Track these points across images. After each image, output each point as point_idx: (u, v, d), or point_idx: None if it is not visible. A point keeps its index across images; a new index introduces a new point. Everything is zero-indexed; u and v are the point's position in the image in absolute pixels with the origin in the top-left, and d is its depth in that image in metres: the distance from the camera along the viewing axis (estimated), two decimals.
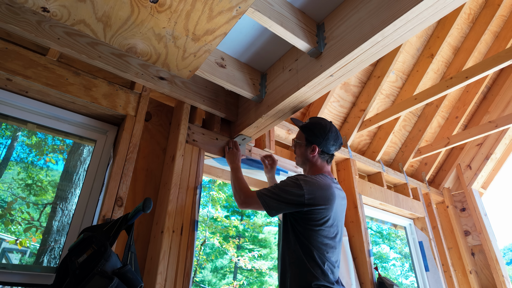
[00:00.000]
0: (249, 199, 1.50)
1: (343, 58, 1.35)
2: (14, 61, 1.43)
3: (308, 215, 1.40)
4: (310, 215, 1.39)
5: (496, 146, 3.76)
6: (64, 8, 1.30)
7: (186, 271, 1.50)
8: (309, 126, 1.64)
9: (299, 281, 1.33)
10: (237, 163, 1.79)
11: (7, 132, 2.19)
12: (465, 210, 3.74)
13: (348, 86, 2.88)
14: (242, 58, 1.87)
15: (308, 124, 1.66)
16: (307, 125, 1.65)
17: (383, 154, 3.38)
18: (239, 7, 1.25)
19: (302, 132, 1.66)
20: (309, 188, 1.40)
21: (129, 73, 1.63)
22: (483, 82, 3.44)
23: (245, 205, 1.51)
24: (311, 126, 1.64)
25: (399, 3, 1.18)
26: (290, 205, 1.39)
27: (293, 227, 1.43)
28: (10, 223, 2.21)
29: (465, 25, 3.22)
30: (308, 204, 1.38)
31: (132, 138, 1.63)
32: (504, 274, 3.28)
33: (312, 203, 1.38)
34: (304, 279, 1.32)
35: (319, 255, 1.36)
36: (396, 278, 12.53)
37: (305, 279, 1.32)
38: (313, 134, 1.61)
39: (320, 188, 1.43)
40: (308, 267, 1.33)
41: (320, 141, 1.59)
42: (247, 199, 1.51)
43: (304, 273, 1.34)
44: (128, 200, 1.59)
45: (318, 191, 1.42)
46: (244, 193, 1.54)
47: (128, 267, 1.06)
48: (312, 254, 1.35)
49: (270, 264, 12.31)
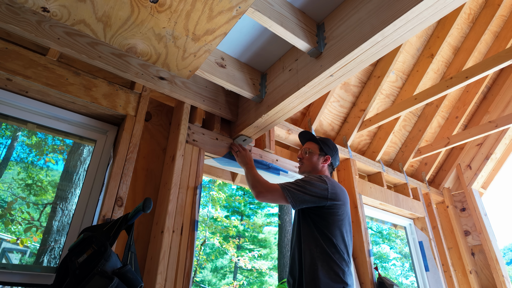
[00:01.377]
0: (270, 190, 1.55)
1: (343, 58, 1.35)
2: (14, 61, 1.43)
3: (330, 210, 1.54)
4: (332, 209, 1.54)
5: (496, 146, 3.76)
6: (64, 8, 1.30)
7: (186, 271, 1.50)
8: (323, 139, 1.83)
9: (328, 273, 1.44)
10: (250, 163, 1.82)
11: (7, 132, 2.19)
12: (465, 210, 3.74)
13: (348, 86, 2.88)
14: (242, 58, 1.87)
15: (321, 138, 1.85)
16: (320, 138, 1.84)
17: (383, 154, 3.38)
18: (239, 7, 1.26)
19: (315, 143, 1.82)
20: (331, 184, 1.58)
21: (129, 73, 1.63)
22: (483, 82, 3.44)
23: (264, 196, 1.56)
24: (324, 140, 1.83)
25: (399, 3, 1.18)
26: (314, 197, 1.51)
27: (315, 223, 1.54)
28: (10, 223, 2.21)
29: (465, 25, 3.22)
30: (331, 199, 1.54)
31: (132, 138, 1.63)
32: (504, 274, 3.28)
33: (333, 198, 1.55)
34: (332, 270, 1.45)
35: (342, 248, 1.52)
36: (396, 278, 12.54)
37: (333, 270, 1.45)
38: (328, 146, 1.80)
39: (338, 186, 1.63)
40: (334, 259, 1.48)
41: (332, 153, 1.80)
42: (268, 190, 1.55)
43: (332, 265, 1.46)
44: (128, 200, 1.59)
45: (337, 187, 1.61)
46: (265, 185, 1.58)
47: (128, 267, 1.07)
48: (336, 247, 1.50)
49: (270, 264, 12.32)
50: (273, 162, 2.19)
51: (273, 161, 2.19)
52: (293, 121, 2.75)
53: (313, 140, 1.84)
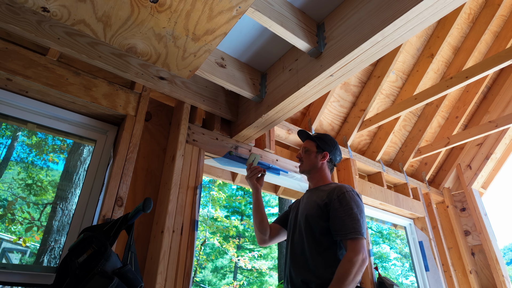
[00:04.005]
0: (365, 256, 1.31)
1: (343, 58, 1.35)
2: (14, 61, 1.43)
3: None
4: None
5: (496, 146, 3.76)
6: (64, 8, 1.30)
7: (186, 271, 1.50)
8: (319, 136, 1.76)
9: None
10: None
11: (7, 132, 2.19)
12: (465, 210, 3.74)
13: (348, 86, 2.88)
14: (242, 58, 1.87)
15: (318, 134, 1.78)
16: (317, 135, 1.78)
17: (383, 154, 3.38)
18: (239, 7, 1.26)
19: (312, 141, 1.76)
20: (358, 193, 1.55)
21: (129, 73, 1.63)
22: (483, 82, 3.44)
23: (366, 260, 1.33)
24: (321, 136, 1.76)
25: (399, 3, 1.18)
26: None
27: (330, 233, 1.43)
28: (10, 222, 2.21)
29: (465, 25, 3.22)
30: None
31: (132, 138, 1.63)
32: (504, 274, 3.28)
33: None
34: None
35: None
36: (396, 278, 12.54)
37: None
38: (325, 143, 1.73)
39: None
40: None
41: (330, 149, 1.73)
42: (365, 258, 1.31)
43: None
44: (128, 200, 1.59)
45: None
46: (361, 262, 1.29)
47: (128, 267, 1.07)
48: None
49: (270, 264, 12.33)
50: (273, 162, 2.19)
51: (273, 161, 2.19)
52: (293, 121, 2.75)
53: (309, 138, 1.79)
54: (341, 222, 1.38)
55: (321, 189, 1.60)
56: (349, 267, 1.26)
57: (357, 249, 1.31)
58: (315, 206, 1.50)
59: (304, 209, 1.57)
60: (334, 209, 1.43)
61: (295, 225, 1.60)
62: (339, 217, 1.40)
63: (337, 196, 1.45)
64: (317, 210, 1.48)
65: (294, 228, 1.60)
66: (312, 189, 1.67)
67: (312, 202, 1.54)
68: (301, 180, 2.32)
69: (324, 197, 1.50)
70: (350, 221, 1.37)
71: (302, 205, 1.62)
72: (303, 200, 1.66)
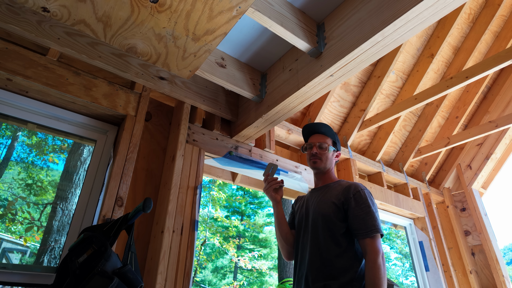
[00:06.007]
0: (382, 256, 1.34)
1: (343, 58, 1.35)
2: (14, 61, 1.43)
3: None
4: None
5: (496, 146, 3.76)
6: (64, 8, 1.30)
7: (186, 271, 1.50)
8: (333, 132, 1.68)
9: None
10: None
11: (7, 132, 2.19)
12: (465, 210, 3.74)
13: (348, 86, 2.88)
14: (242, 58, 1.87)
15: (331, 130, 1.68)
16: (333, 131, 1.68)
17: (383, 154, 3.38)
18: (239, 7, 1.26)
19: (328, 136, 1.66)
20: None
21: (129, 73, 1.63)
22: (483, 82, 3.43)
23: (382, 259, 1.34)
24: (334, 132, 1.68)
25: (399, 3, 1.18)
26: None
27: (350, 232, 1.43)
28: (11, 222, 2.21)
29: (465, 25, 3.21)
30: None
31: (132, 138, 1.63)
32: (504, 274, 3.28)
33: None
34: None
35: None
36: (397, 278, 12.53)
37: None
38: (337, 140, 1.68)
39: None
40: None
41: (339, 147, 1.69)
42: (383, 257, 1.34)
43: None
44: (128, 200, 1.59)
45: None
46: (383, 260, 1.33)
47: (128, 267, 1.07)
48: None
49: (270, 264, 12.33)
50: (273, 162, 2.19)
51: (273, 161, 2.19)
52: (293, 121, 2.75)
53: (327, 134, 1.66)
54: (361, 221, 1.38)
55: (332, 186, 1.54)
56: (377, 271, 1.28)
57: (376, 248, 1.33)
58: (332, 206, 1.45)
59: (318, 208, 1.49)
60: (352, 207, 1.42)
61: (306, 226, 1.52)
62: (358, 215, 1.39)
63: (353, 195, 1.44)
64: (334, 210, 1.44)
65: (305, 228, 1.52)
66: (321, 187, 1.60)
67: (327, 202, 1.48)
68: (301, 180, 2.32)
69: (340, 195, 1.46)
70: (370, 219, 1.38)
71: (313, 205, 1.53)
72: (311, 200, 1.58)
